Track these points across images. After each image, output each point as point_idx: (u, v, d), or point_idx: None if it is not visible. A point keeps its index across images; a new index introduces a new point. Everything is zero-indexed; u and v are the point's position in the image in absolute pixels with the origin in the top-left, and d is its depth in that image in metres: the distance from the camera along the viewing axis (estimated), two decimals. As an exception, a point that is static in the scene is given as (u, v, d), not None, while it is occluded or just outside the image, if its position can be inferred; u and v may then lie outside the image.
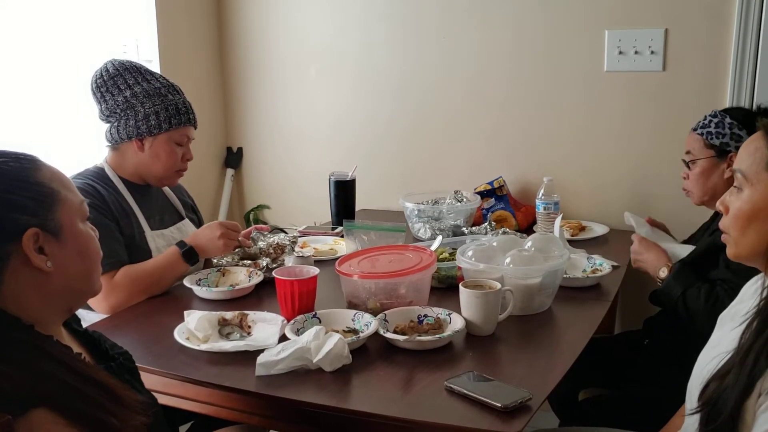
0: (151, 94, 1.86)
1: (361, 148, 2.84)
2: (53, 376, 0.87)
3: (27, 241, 0.94)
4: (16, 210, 0.94)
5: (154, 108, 1.85)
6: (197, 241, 1.84)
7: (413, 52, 2.71)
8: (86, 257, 1.03)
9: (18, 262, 0.94)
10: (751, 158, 1.10)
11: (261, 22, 2.93)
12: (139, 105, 1.85)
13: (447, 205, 2.32)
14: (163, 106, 1.86)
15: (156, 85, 1.88)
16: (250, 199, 3.14)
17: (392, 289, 1.60)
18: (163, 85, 1.89)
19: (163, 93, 1.88)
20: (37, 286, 0.96)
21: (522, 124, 2.59)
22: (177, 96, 1.91)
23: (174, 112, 1.88)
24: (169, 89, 1.90)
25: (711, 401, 1.04)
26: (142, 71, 1.90)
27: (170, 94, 1.89)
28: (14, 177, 0.96)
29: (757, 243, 1.09)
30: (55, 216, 0.98)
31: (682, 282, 1.72)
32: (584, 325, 1.59)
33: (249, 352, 1.39)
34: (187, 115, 1.92)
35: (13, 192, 0.95)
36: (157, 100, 1.86)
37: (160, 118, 1.86)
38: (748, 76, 2.24)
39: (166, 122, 1.86)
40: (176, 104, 1.89)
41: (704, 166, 1.86)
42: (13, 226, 0.93)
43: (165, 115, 1.86)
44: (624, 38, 2.38)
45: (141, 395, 1.01)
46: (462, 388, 1.24)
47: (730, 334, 1.12)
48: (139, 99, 1.85)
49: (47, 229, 0.96)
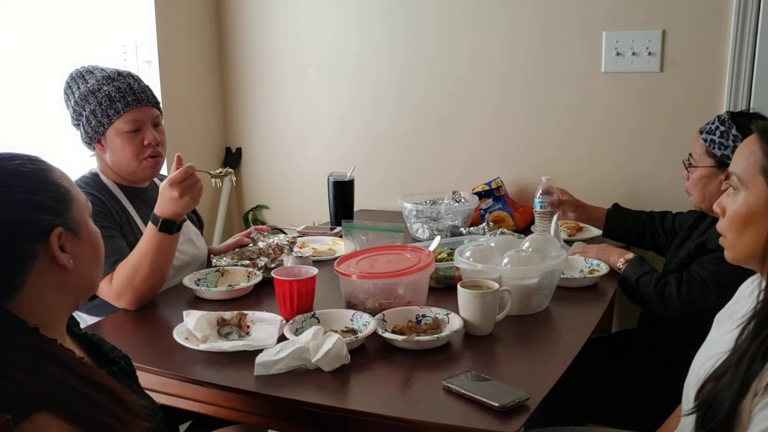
0: (86, 95, 1.81)
1: (360, 148, 2.85)
2: (59, 380, 0.87)
3: (53, 241, 0.96)
4: (42, 211, 0.96)
5: (90, 108, 1.81)
6: (165, 210, 1.68)
7: (411, 53, 2.71)
8: (98, 252, 1.06)
9: (44, 262, 0.96)
10: (746, 162, 1.10)
11: (260, 23, 2.94)
12: (81, 109, 1.82)
13: (445, 206, 2.33)
14: (97, 103, 1.80)
15: (90, 83, 1.82)
16: (249, 199, 3.15)
17: (391, 289, 1.60)
18: (96, 80, 1.82)
19: (95, 89, 1.81)
20: (56, 284, 0.98)
21: (520, 124, 2.60)
22: (111, 84, 1.81)
23: (107, 105, 1.79)
24: (104, 81, 1.82)
25: (707, 402, 1.05)
26: (83, 74, 1.85)
27: (105, 86, 1.81)
28: (34, 178, 0.98)
29: (753, 245, 1.09)
30: (72, 214, 1.00)
31: (636, 271, 1.84)
32: (582, 325, 1.60)
33: (248, 352, 1.40)
34: (124, 99, 1.80)
35: (36, 193, 0.96)
36: (91, 99, 1.81)
37: (98, 117, 1.80)
38: (745, 77, 2.25)
39: (104, 117, 1.80)
40: (109, 94, 1.80)
41: (702, 174, 1.84)
42: (41, 226, 0.95)
43: (100, 111, 1.80)
44: (621, 39, 2.39)
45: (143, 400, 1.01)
46: (460, 388, 1.24)
47: (726, 335, 1.13)
48: (80, 104, 1.82)
49: (68, 228, 0.99)
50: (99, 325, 1.65)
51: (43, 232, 0.95)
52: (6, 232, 0.93)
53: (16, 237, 0.93)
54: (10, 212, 0.93)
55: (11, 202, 0.94)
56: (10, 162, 0.98)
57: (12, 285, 0.93)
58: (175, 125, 2.76)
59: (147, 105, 1.85)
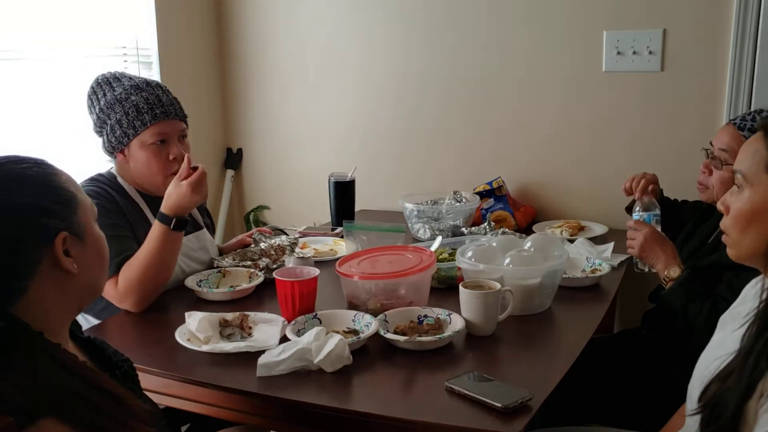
0: (113, 104, 1.78)
1: (361, 148, 2.84)
2: (63, 384, 0.87)
3: (58, 245, 0.95)
4: (47, 215, 0.96)
5: (116, 117, 1.77)
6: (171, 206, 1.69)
7: (412, 53, 2.71)
8: (102, 257, 1.06)
9: (48, 266, 0.95)
10: (750, 159, 1.10)
11: (261, 23, 2.93)
12: (106, 118, 1.79)
13: (446, 206, 2.33)
14: (124, 112, 1.77)
15: (117, 91, 1.79)
16: (250, 200, 3.14)
17: (392, 289, 1.60)
18: (124, 89, 1.79)
19: (122, 98, 1.77)
20: (60, 288, 0.97)
21: (521, 124, 2.60)
22: (140, 94, 1.77)
23: (134, 116, 1.76)
24: (132, 90, 1.78)
25: (712, 402, 1.04)
26: (110, 80, 1.82)
27: (133, 95, 1.77)
28: (40, 182, 0.97)
29: (757, 244, 1.09)
30: (77, 219, 1.00)
31: (687, 292, 1.67)
32: (584, 325, 1.60)
33: (250, 353, 1.40)
34: (152, 111, 1.77)
35: (42, 197, 0.96)
36: (117, 108, 1.77)
37: (123, 127, 1.77)
38: (746, 76, 2.24)
39: (130, 128, 1.77)
40: (137, 105, 1.76)
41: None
42: (46, 230, 0.95)
43: (126, 121, 1.77)
44: (622, 39, 2.38)
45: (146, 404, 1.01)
46: (462, 389, 1.24)
47: (731, 335, 1.12)
48: (105, 112, 1.79)
49: (73, 232, 0.98)
50: (101, 327, 1.65)
51: (47, 236, 0.95)
52: (10, 236, 0.93)
53: (20, 241, 0.93)
54: (15, 216, 0.93)
55: (16, 206, 0.94)
56: (16, 165, 0.97)
57: (16, 289, 0.93)
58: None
59: (175, 118, 1.82)
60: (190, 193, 1.67)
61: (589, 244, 2.09)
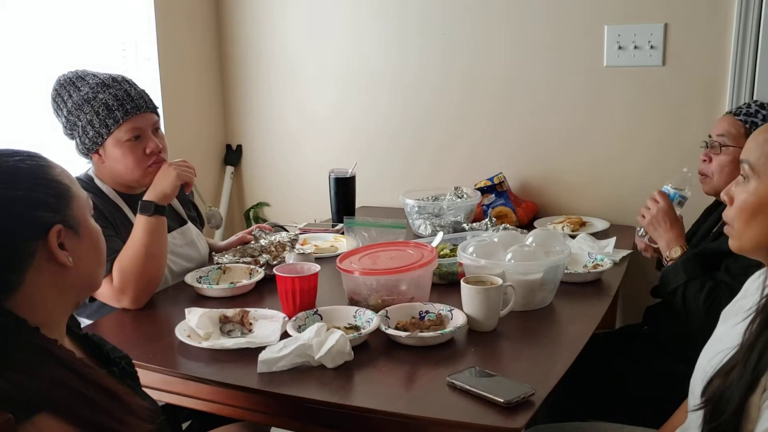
0: (80, 104, 1.73)
1: (361, 144, 2.84)
2: (59, 381, 0.86)
3: (52, 238, 0.95)
4: (41, 207, 0.95)
5: (86, 118, 1.73)
6: (151, 190, 1.73)
7: (412, 48, 2.70)
8: (99, 250, 1.05)
9: (42, 259, 0.95)
10: (759, 149, 1.08)
11: (260, 20, 2.93)
12: (76, 119, 1.74)
13: (447, 202, 2.32)
14: (94, 112, 1.72)
15: (84, 91, 1.74)
16: (250, 196, 3.14)
17: (393, 285, 1.60)
18: (90, 88, 1.74)
19: (90, 97, 1.73)
20: (56, 282, 0.97)
21: (522, 119, 2.59)
22: (107, 91, 1.74)
23: (105, 114, 1.72)
24: (98, 88, 1.74)
25: (715, 397, 1.04)
26: (74, 80, 1.77)
27: (100, 93, 1.73)
28: (33, 175, 0.97)
29: (761, 236, 1.08)
30: (72, 212, 0.99)
31: (688, 271, 1.67)
32: (586, 320, 1.59)
33: (250, 350, 1.39)
34: (123, 107, 1.73)
35: (35, 190, 0.96)
36: (86, 108, 1.73)
37: (95, 127, 1.73)
38: (748, 70, 2.23)
39: (102, 127, 1.73)
40: (106, 103, 1.73)
41: (736, 156, 1.64)
42: (39, 223, 0.95)
43: (98, 121, 1.73)
44: (623, 33, 2.37)
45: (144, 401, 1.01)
46: (464, 384, 1.24)
47: (733, 329, 1.12)
48: (74, 114, 1.74)
49: (68, 225, 0.98)
50: (100, 324, 1.64)
51: (41, 229, 0.94)
52: (3, 228, 0.92)
53: (13, 234, 0.93)
54: (8, 209, 0.93)
55: (9, 199, 0.93)
56: (9, 158, 0.97)
57: (10, 282, 0.93)
58: (175, 123, 2.76)
59: (146, 111, 1.79)
60: (173, 173, 1.73)
61: (591, 239, 2.09)
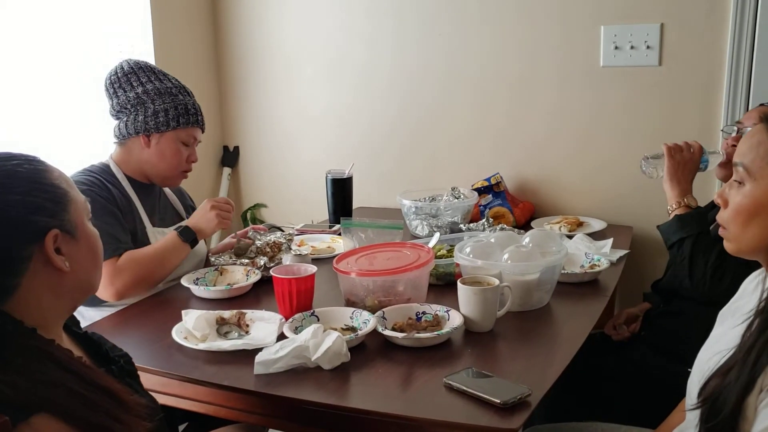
0: (162, 93, 1.89)
1: (358, 145, 2.84)
2: (57, 381, 0.86)
3: (48, 243, 0.94)
4: (37, 212, 0.95)
5: (163, 105, 1.88)
6: (192, 221, 1.90)
7: (409, 50, 2.70)
8: (96, 255, 1.05)
9: (39, 263, 0.95)
10: (754, 152, 1.08)
11: (257, 20, 2.92)
12: (149, 102, 1.88)
13: (444, 202, 2.32)
14: (173, 105, 1.89)
15: (168, 85, 1.91)
16: (247, 197, 3.14)
17: (390, 286, 1.60)
18: (174, 86, 1.93)
19: (174, 93, 1.91)
20: (52, 286, 0.97)
21: (518, 120, 2.59)
22: (187, 97, 1.94)
23: (183, 112, 1.90)
24: (180, 90, 1.93)
25: (712, 397, 1.04)
26: (155, 71, 1.94)
27: (181, 95, 1.92)
28: (30, 179, 0.96)
29: (759, 238, 1.07)
30: (69, 216, 0.99)
31: (702, 224, 1.63)
32: (583, 320, 1.59)
33: (247, 351, 1.39)
34: (196, 116, 1.94)
35: (32, 194, 0.95)
36: (167, 99, 1.89)
37: (168, 116, 1.88)
38: (744, 71, 2.24)
39: (174, 120, 1.89)
40: (186, 105, 1.92)
41: None
42: (36, 228, 0.94)
43: (174, 114, 1.88)
44: (620, 33, 2.38)
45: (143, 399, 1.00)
46: (461, 385, 1.24)
47: (731, 331, 1.11)
48: (150, 96, 1.88)
49: (65, 230, 0.97)
50: (98, 325, 1.64)
51: (38, 233, 0.94)
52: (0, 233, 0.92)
53: (9, 238, 0.92)
54: (4, 213, 0.92)
55: (6, 203, 0.93)
56: (6, 162, 0.97)
57: (6, 286, 0.92)
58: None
59: (202, 128, 2.00)
60: (214, 219, 1.89)
61: (588, 239, 2.09)
